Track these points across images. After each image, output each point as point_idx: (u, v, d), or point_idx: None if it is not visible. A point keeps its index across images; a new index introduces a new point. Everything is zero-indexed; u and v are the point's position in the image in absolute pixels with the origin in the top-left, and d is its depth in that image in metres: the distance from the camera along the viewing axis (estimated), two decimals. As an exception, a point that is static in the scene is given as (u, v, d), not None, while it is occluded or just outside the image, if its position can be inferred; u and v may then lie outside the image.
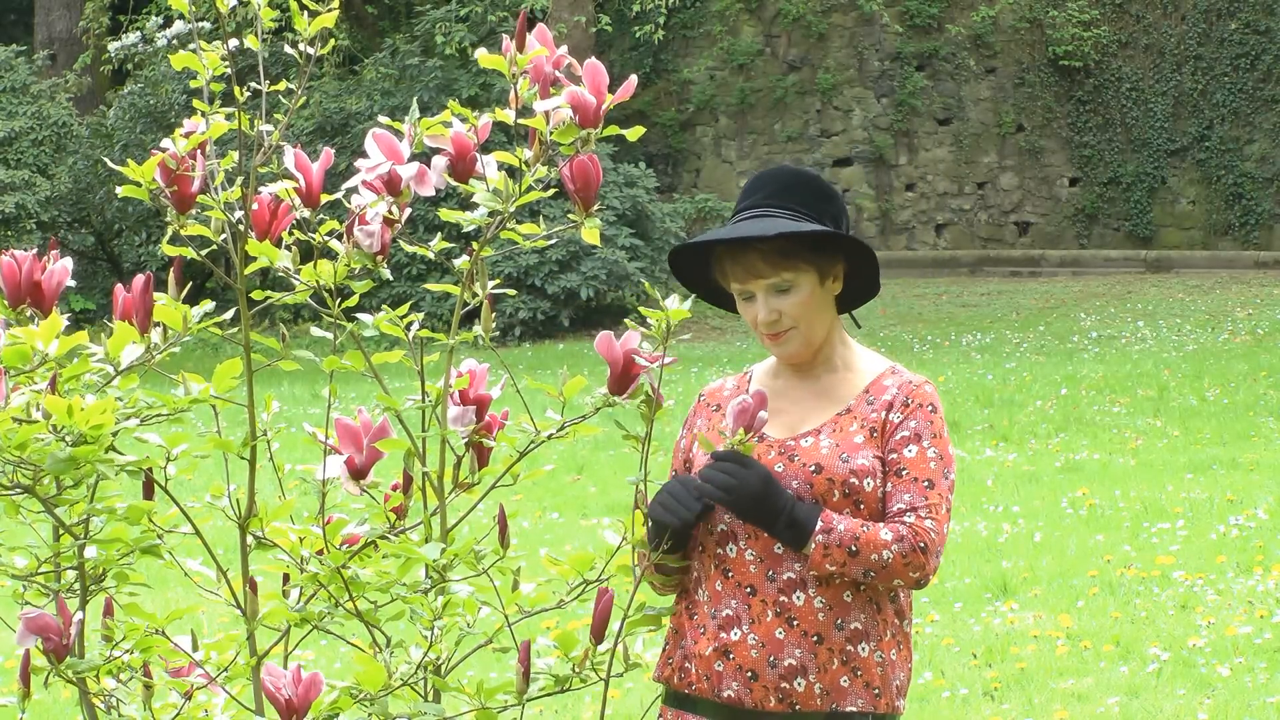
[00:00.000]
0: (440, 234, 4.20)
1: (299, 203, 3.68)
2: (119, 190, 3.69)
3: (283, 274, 3.68)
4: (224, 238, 3.71)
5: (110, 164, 3.95)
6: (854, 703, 3.80)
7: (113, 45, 27.74)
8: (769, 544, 3.80)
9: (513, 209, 3.70)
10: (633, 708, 7.90)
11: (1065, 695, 8.26)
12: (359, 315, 3.74)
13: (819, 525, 3.74)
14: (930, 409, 3.86)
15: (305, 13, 3.65)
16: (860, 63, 28.59)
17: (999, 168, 28.84)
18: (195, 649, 3.79)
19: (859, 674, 3.80)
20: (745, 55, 28.46)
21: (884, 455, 3.83)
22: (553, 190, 3.76)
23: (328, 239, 3.69)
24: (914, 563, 3.76)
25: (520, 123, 3.68)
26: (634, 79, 3.67)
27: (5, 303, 3.68)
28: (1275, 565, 10.23)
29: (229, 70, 3.66)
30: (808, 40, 28.57)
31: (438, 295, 21.96)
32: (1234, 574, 10.22)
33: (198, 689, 3.78)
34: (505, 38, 3.71)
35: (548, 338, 23.66)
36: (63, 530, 3.69)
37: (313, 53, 3.68)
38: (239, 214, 3.69)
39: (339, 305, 3.70)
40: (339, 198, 3.73)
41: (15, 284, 3.68)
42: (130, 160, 3.68)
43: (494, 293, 3.80)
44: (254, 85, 3.69)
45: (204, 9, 17.20)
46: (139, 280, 3.63)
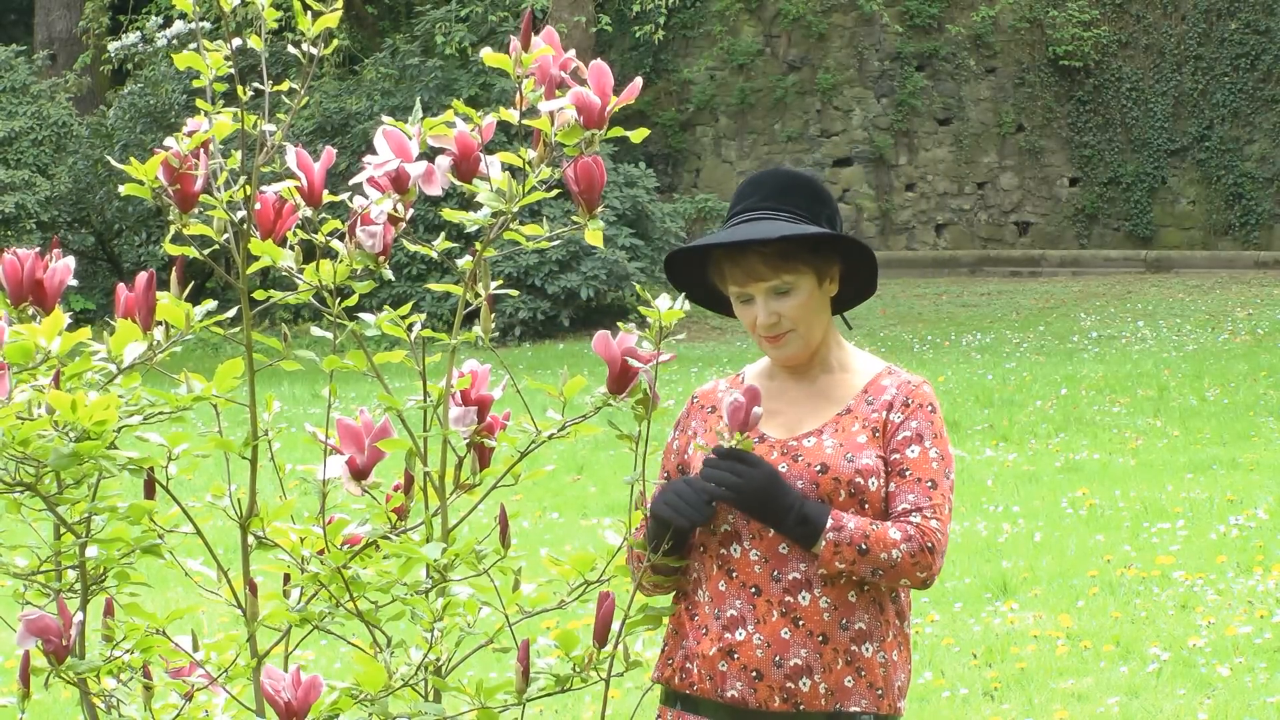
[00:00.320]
0: (442, 234, 4.19)
1: (301, 202, 3.68)
2: (121, 189, 3.69)
3: (286, 274, 3.68)
4: (226, 237, 3.71)
5: (114, 163, 3.94)
6: (857, 703, 3.81)
7: (113, 45, 27.73)
8: (774, 544, 3.80)
9: (516, 209, 3.69)
10: (633, 708, 7.89)
11: (1065, 695, 8.26)
12: (360, 315, 3.73)
13: (830, 523, 3.75)
14: (930, 409, 3.87)
15: (309, 12, 3.65)
16: (860, 63, 28.58)
17: (999, 168, 28.83)
18: (196, 649, 3.79)
19: (863, 674, 3.81)
20: (745, 55, 28.45)
21: (885, 455, 3.84)
22: (555, 191, 3.75)
23: (329, 239, 3.69)
24: (922, 562, 3.77)
25: (525, 123, 3.67)
26: (639, 81, 3.66)
27: (7, 300, 3.68)
28: (1275, 565, 10.23)
29: (232, 70, 3.65)
30: (808, 40, 28.56)
31: (438, 295, 21.95)
32: (1234, 574, 10.21)
33: (198, 689, 3.78)
34: (513, 38, 3.70)
35: (548, 338, 23.65)
36: (64, 529, 3.69)
37: (316, 52, 3.68)
38: (241, 213, 3.68)
39: (339, 305, 3.69)
40: (339, 198, 3.73)
41: (17, 282, 3.68)
42: (132, 159, 3.68)
43: (495, 293, 3.79)
44: (256, 85, 3.69)
45: (204, 9, 17.19)
46: (142, 278, 3.63)
